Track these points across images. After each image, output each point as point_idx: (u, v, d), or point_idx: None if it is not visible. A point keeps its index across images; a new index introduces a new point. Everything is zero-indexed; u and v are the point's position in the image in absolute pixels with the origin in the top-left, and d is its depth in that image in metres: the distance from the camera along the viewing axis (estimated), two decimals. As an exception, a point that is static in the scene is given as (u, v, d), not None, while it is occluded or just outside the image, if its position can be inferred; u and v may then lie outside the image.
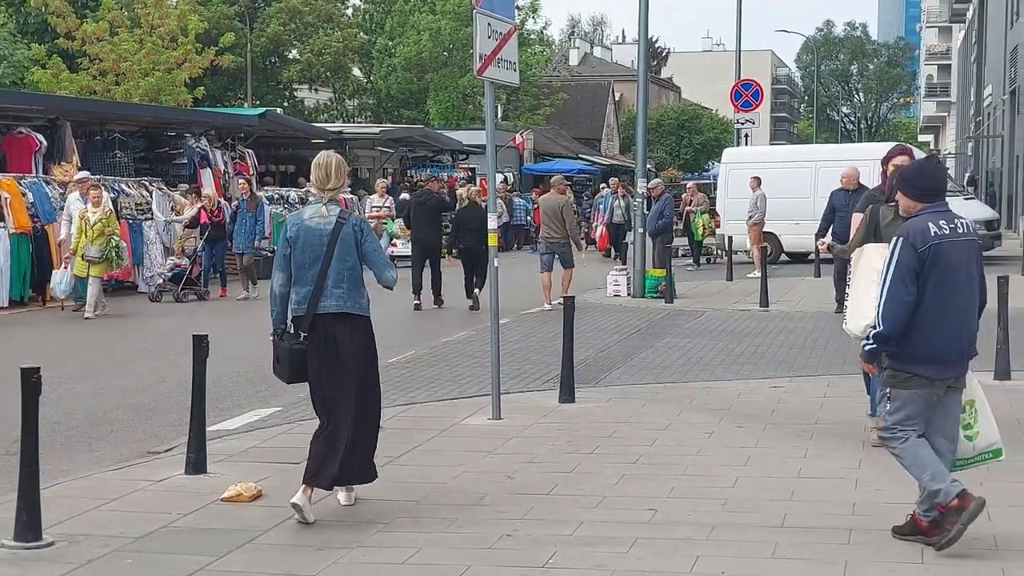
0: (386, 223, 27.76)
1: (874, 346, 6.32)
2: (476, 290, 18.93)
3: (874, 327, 6.28)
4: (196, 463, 8.11)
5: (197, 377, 8.09)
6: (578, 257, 19.68)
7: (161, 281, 21.42)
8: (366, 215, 26.18)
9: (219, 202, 22.75)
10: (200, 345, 8.11)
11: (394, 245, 28.52)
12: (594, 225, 34.85)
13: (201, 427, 8.16)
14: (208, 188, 23.68)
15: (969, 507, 6.05)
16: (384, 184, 29.51)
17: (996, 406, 9.92)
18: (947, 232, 6.18)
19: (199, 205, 22.07)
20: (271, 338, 7.32)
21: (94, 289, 18.23)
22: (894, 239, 6.29)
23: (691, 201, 29.72)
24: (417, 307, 19.05)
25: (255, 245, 21.77)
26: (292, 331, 7.18)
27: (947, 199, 6.50)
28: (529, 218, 38.53)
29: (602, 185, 37.79)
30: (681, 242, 29.60)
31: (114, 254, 18.30)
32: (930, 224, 6.18)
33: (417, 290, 19.22)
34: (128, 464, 8.64)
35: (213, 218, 21.73)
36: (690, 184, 33.43)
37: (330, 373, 7.10)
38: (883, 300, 6.21)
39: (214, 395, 10.61)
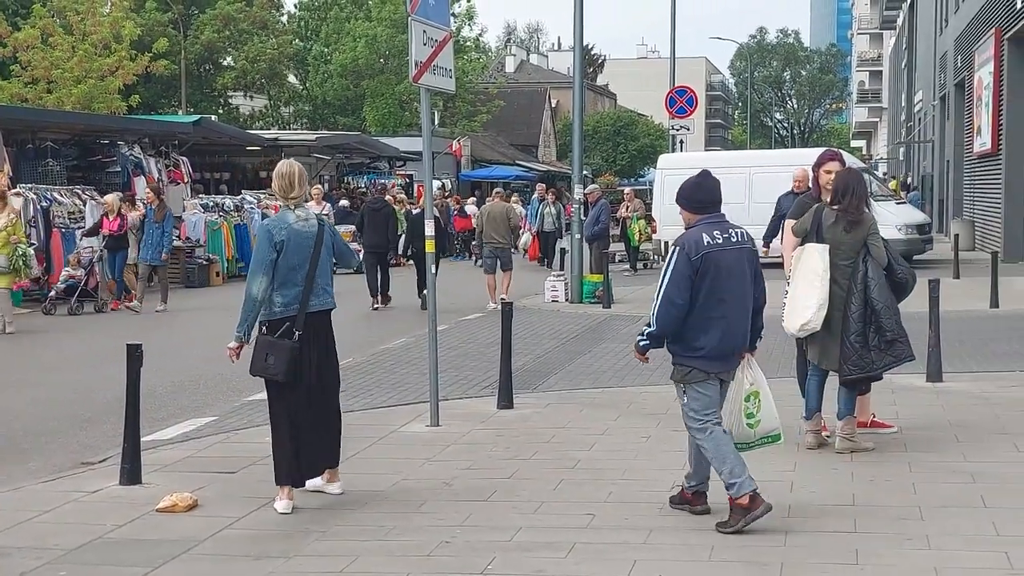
0: None
1: (647, 343, 6.99)
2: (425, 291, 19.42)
3: (648, 325, 6.95)
4: (131, 473, 8.03)
5: (131, 387, 8.01)
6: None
7: (54, 293, 20.34)
8: None
9: (138, 205, 21.89)
10: (134, 355, 8.03)
11: None
12: (520, 231, 34.74)
13: (135, 437, 8.09)
14: (111, 196, 21.71)
15: (756, 510, 6.65)
16: (320, 190, 28.83)
17: (928, 408, 10.12)
18: (720, 241, 6.86)
19: (101, 213, 21.03)
20: (233, 345, 7.47)
21: (5, 303, 17.41)
22: (672, 248, 6.94)
23: (627, 207, 29.83)
24: (376, 308, 20.22)
25: (163, 256, 20.61)
26: (285, 330, 7.40)
27: (877, 203, 6.64)
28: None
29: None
30: (618, 247, 29.71)
31: (21, 263, 17.59)
32: (704, 235, 6.86)
33: (374, 293, 20.41)
34: (62, 475, 8.53)
35: (114, 227, 20.56)
36: (627, 190, 33.57)
37: (319, 366, 7.57)
38: (657, 303, 6.84)
39: (148, 405, 10.50)
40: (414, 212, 22.02)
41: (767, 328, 7.30)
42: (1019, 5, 25.57)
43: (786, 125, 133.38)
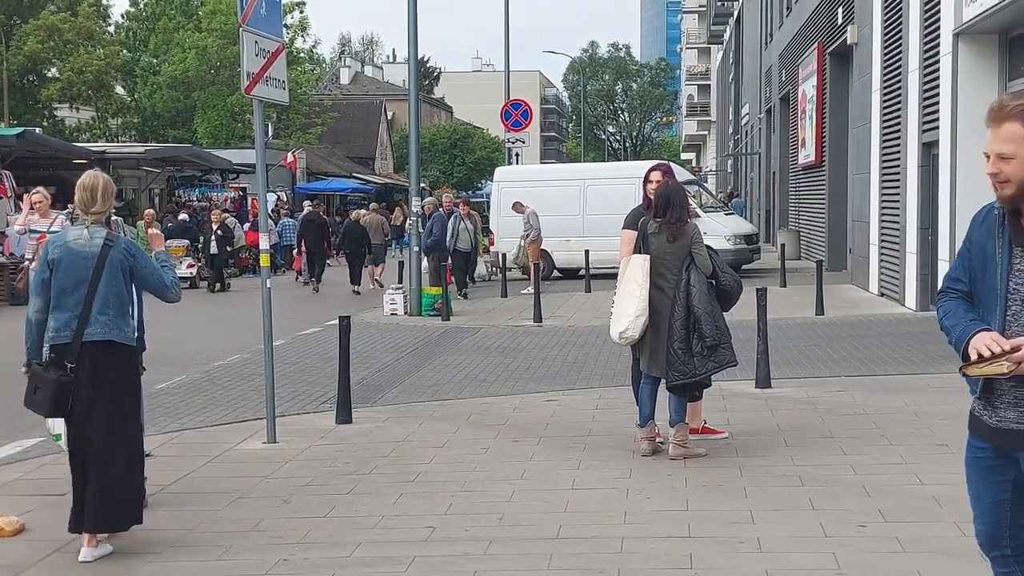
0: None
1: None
2: (356, 284, 27.18)
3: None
4: (-46, 499, 7.76)
5: (-46, 409, 7.76)
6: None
7: None
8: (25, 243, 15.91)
9: None
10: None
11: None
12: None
13: (-41, 461, 7.82)
14: None
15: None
16: (44, 197, 15.10)
17: (758, 413, 10.39)
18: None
19: None
20: (23, 369, 6.90)
21: None
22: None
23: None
24: (357, 293, 26.52)
25: None
26: (54, 360, 6.77)
27: (707, 214, 6.75)
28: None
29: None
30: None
31: None
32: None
33: (352, 281, 27.30)
34: None
35: None
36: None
37: (90, 406, 6.72)
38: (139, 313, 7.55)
39: (-27, 427, 10.18)
40: (346, 221, 30.35)
41: (598, 337, 7.42)
42: (840, 21, 26.46)
43: (619, 138, 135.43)
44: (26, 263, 15.19)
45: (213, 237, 28.98)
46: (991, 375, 4.06)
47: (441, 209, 25.02)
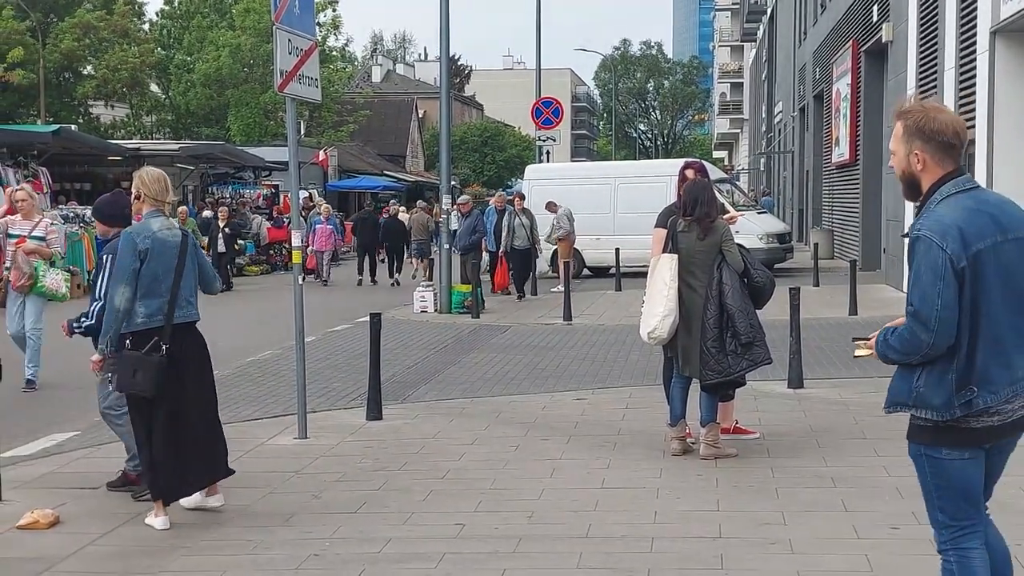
0: (36, 266, 12.51)
1: (80, 330, 7.86)
2: (396, 274, 29.70)
3: (86, 317, 7.76)
4: (-11, 492, 7.82)
5: (-12, 403, 7.82)
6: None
7: None
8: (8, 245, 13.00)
9: None
10: (-9, 369, 7.83)
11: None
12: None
13: (-7, 455, 7.88)
14: None
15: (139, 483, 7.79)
16: (28, 196, 13.02)
17: (790, 414, 10.34)
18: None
19: None
20: (107, 352, 7.27)
21: None
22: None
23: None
24: (393, 285, 28.51)
25: None
26: (152, 344, 7.18)
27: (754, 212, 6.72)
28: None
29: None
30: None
31: None
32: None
33: (391, 274, 29.85)
34: (-85, 496, 8.26)
35: None
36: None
37: (189, 379, 7.31)
38: (101, 301, 7.54)
39: (7, 420, 10.24)
40: (383, 218, 31.81)
41: (628, 335, 7.39)
42: (875, 18, 26.32)
43: (650, 136, 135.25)
44: (4, 273, 13.20)
45: (220, 235, 28.94)
46: (862, 357, 4.57)
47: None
